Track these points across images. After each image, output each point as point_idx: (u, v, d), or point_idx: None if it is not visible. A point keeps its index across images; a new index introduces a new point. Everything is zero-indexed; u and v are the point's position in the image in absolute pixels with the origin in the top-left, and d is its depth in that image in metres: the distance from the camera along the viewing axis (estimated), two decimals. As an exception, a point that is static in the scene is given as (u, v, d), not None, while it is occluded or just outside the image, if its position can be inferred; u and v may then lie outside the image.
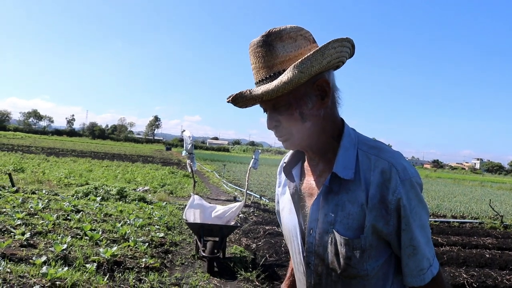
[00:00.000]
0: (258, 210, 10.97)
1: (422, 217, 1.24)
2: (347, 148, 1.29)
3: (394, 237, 1.24)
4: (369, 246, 1.24)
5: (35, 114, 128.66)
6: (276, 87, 1.18)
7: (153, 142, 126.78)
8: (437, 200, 17.77)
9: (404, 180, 1.21)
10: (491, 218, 12.59)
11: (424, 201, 1.26)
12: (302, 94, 1.25)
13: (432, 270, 1.26)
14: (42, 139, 63.49)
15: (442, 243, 8.22)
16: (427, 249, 1.25)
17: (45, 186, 11.65)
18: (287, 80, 1.16)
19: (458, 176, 65.91)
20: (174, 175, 19.65)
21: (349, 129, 1.34)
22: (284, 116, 1.27)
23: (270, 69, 1.25)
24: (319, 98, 1.27)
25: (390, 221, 1.22)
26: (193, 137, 11.44)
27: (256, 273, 5.64)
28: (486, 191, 29.61)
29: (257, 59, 1.27)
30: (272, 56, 1.24)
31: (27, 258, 4.96)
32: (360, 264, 1.25)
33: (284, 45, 1.24)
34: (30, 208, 7.72)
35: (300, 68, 1.16)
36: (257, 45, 1.26)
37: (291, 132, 1.29)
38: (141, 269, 5.25)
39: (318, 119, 1.28)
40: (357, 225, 1.24)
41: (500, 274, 6.23)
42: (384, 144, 1.32)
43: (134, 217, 7.98)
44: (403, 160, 1.26)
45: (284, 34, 1.25)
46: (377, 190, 1.22)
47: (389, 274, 1.31)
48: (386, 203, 1.21)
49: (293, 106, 1.25)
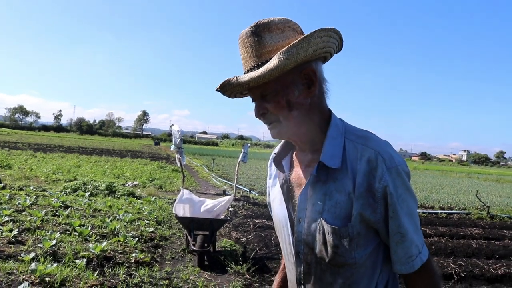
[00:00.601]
0: (247, 203, 10.99)
1: (409, 205, 1.25)
2: (334, 137, 1.30)
3: (382, 225, 1.24)
4: (356, 234, 1.24)
5: (21, 109, 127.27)
6: (262, 73, 1.20)
7: (141, 137, 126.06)
8: (425, 191, 17.94)
9: (391, 168, 1.22)
10: (478, 209, 12.74)
11: (411, 190, 1.27)
12: (289, 82, 1.26)
13: (421, 257, 1.26)
14: (29, 135, 62.81)
15: (430, 234, 8.30)
16: (415, 237, 1.25)
17: (32, 182, 11.55)
18: (273, 66, 1.18)
19: (445, 168, 66.57)
20: (163, 170, 19.58)
21: (336, 119, 1.35)
22: (271, 103, 1.28)
23: (258, 58, 1.26)
24: (305, 87, 1.28)
25: (378, 209, 1.22)
26: (182, 132, 11.37)
27: (246, 266, 5.66)
28: (473, 182, 29.95)
29: (246, 49, 1.29)
30: (260, 45, 1.26)
31: (16, 254, 4.93)
32: (348, 253, 1.26)
33: (272, 36, 1.26)
34: (18, 205, 7.65)
35: (286, 55, 1.17)
36: (246, 35, 1.28)
37: (278, 119, 1.30)
38: (131, 264, 5.24)
39: (305, 108, 1.29)
40: (344, 214, 1.24)
41: (486, 263, 6.32)
42: (371, 133, 1.33)
43: (123, 212, 7.95)
44: (390, 148, 1.27)
45: (272, 25, 1.26)
46: (363, 178, 1.22)
47: (378, 263, 1.31)
48: (373, 191, 1.22)
49: (280, 93, 1.26)
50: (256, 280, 5.37)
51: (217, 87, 1.33)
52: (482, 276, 5.91)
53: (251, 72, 1.24)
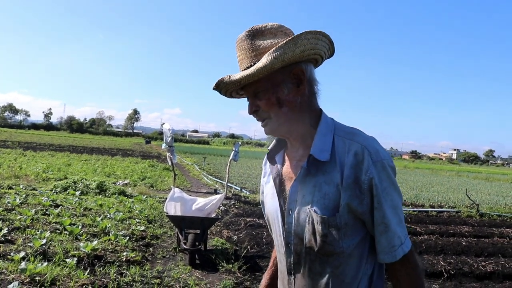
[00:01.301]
0: (239, 202, 11.00)
1: (393, 198, 1.32)
2: (324, 133, 1.38)
3: (368, 215, 1.31)
4: (344, 224, 1.31)
5: (10, 108, 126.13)
6: (252, 71, 1.29)
7: (132, 135, 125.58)
8: (416, 190, 18.06)
9: (376, 161, 1.29)
10: (467, 207, 12.85)
11: (396, 184, 1.35)
12: (279, 81, 1.35)
13: (403, 248, 1.33)
14: (19, 134, 62.33)
15: (420, 232, 8.37)
16: (398, 228, 1.32)
17: (22, 181, 11.45)
18: (262, 65, 1.27)
19: (435, 167, 67.00)
20: (154, 169, 19.53)
21: (326, 117, 1.44)
22: (262, 101, 1.37)
23: (251, 59, 1.36)
24: (295, 86, 1.36)
25: (364, 200, 1.30)
26: (173, 130, 11.35)
27: (237, 265, 5.67)
28: (462, 180, 30.21)
29: (241, 51, 1.39)
30: (254, 48, 1.36)
31: (5, 254, 4.89)
32: (336, 242, 1.32)
33: (265, 39, 1.37)
34: (7, 204, 7.59)
35: (274, 54, 1.27)
36: (242, 39, 1.38)
37: (270, 116, 1.38)
38: (122, 263, 5.22)
39: (295, 106, 1.37)
40: (333, 205, 1.31)
41: (476, 260, 6.39)
42: (360, 130, 1.42)
43: (114, 211, 7.91)
44: (376, 144, 1.35)
45: (265, 30, 1.38)
46: (351, 171, 1.29)
47: (364, 254, 1.38)
48: (360, 183, 1.29)
49: (270, 91, 1.35)
50: (247, 278, 5.38)
51: (213, 86, 1.41)
52: (471, 274, 5.96)
53: (241, 72, 1.34)
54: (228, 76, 1.36)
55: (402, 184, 20.64)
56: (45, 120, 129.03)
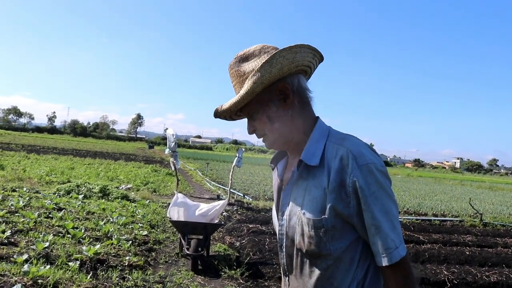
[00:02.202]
0: (241, 208, 10.98)
1: (384, 203, 1.32)
2: (317, 139, 1.44)
3: (356, 219, 1.33)
4: (331, 227, 1.34)
5: (15, 110, 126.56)
6: (237, 99, 1.39)
7: (135, 140, 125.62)
8: (419, 198, 17.99)
9: (361, 165, 1.31)
10: (471, 216, 12.80)
11: (387, 189, 1.35)
12: (266, 100, 1.43)
13: (399, 251, 1.32)
14: (22, 136, 62.49)
15: (423, 241, 8.34)
16: (390, 233, 1.31)
17: (26, 184, 11.47)
18: (244, 92, 1.38)
19: (438, 175, 66.82)
20: (157, 173, 19.54)
21: (322, 124, 1.49)
22: (256, 121, 1.47)
23: (240, 85, 1.45)
24: (282, 101, 1.43)
25: (350, 203, 1.32)
26: (176, 135, 11.37)
27: (240, 271, 5.65)
28: (466, 189, 30.07)
29: (232, 78, 1.49)
30: (240, 74, 1.45)
31: (8, 256, 4.89)
32: (323, 243, 1.36)
33: (250, 62, 1.45)
34: (11, 206, 7.60)
35: (253, 79, 1.36)
36: (230, 67, 1.49)
37: (265, 133, 1.47)
38: (124, 267, 5.22)
39: (287, 119, 1.44)
40: (320, 207, 1.35)
41: (479, 270, 6.35)
42: (353, 136, 1.46)
43: (117, 215, 7.92)
44: (364, 148, 1.37)
45: (249, 54, 1.47)
46: (337, 175, 1.33)
47: (355, 259, 1.39)
48: (345, 186, 1.32)
49: (260, 111, 1.44)
50: (249, 285, 5.37)
51: (213, 115, 1.52)
52: (475, 284, 5.94)
53: (231, 99, 1.43)
54: (220, 106, 1.46)
55: (406, 193, 20.58)
56: (49, 124, 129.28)
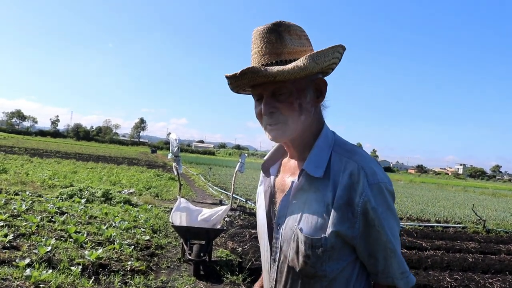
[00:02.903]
0: (244, 213, 10.96)
1: (390, 224, 1.25)
2: (322, 148, 1.32)
3: (359, 240, 1.24)
4: (330, 247, 1.23)
5: (18, 114, 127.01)
6: (291, 69, 1.21)
7: (138, 144, 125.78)
8: (421, 204, 17.95)
9: (373, 184, 1.22)
10: (474, 222, 12.74)
11: (394, 210, 1.27)
12: (303, 86, 1.30)
13: (412, 277, 1.29)
14: (26, 140, 62.66)
15: (426, 247, 8.30)
16: (401, 256, 1.27)
17: (28, 187, 11.50)
18: (302, 66, 1.21)
19: (441, 181, 66.61)
20: (159, 178, 19.54)
21: (327, 130, 1.39)
22: (284, 103, 1.29)
23: (278, 56, 1.28)
24: (315, 95, 1.33)
25: (356, 224, 1.22)
26: (179, 140, 11.38)
27: (242, 277, 5.64)
28: (469, 196, 29.98)
29: (265, 44, 1.29)
30: (281, 44, 1.28)
31: (10, 260, 4.89)
32: (318, 264, 1.25)
33: (292, 39, 1.30)
34: (13, 210, 7.61)
35: (316, 59, 1.23)
36: (267, 31, 1.29)
37: (286, 121, 1.29)
38: (126, 272, 5.21)
39: (311, 115, 1.33)
40: (320, 225, 1.24)
41: (482, 277, 6.32)
42: (360, 148, 1.35)
43: (119, 219, 7.91)
44: (374, 164, 1.28)
45: (292, 29, 1.31)
46: (344, 192, 1.22)
47: (351, 279, 1.30)
48: (353, 205, 1.21)
49: (294, 95, 1.28)
50: (251, 290, 5.34)
51: (234, 73, 1.29)
52: (478, 291, 5.89)
53: (279, 66, 1.24)
54: (262, 67, 1.24)
55: (408, 199, 20.53)
56: (52, 127, 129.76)
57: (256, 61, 1.31)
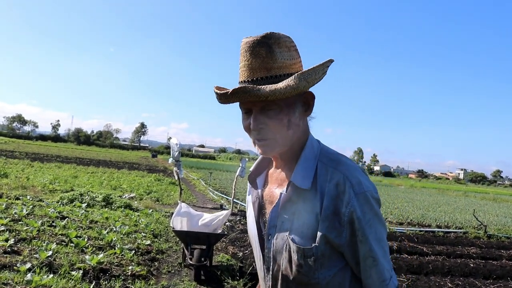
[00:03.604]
0: (244, 218, 10.95)
1: (377, 230, 1.27)
2: (308, 159, 1.34)
3: (346, 248, 1.27)
4: (321, 255, 1.27)
5: (19, 118, 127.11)
6: (283, 89, 1.20)
7: (139, 149, 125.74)
8: (422, 209, 17.93)
9: (358, 193, 1.24)
10: (475, 228, 12.73)
11: (380, 216, 1.29)
12: (292, 102, 1.30)
13: (393, 281, 1.30)
14: (26, 144, 62.66)
15: (427, 253, 8.29)
16: (385, 262, 1.28)
17: (29, 192, 11.50)
18: (294, 85, 1.21)
19: (442, 186, 66.53)
20: (160, 183, 19.54)
21: (313, 140, 1.40)
22: (273, 119, 1.29)
23: (268, 71, 1.27)
24: (303, 110, 1.35)
25: (343, 233, 1.25)
26: (180, 145, 11.37)
27: (243, 282, 5.64)
28: (469, 201, 29.94)
29: (255, 58, 1.27)
30: (271, 58, 1.27)
31: (11, 264, 4.89)
32: (311, 272, 1.28)
33: (281, 51, 1.28)
34: (14, 214, 7.61)
35: (307, 77, 1.24)
36: (256, 43, 1.27)
37: (275, 137, 1.30)
38: (127, 277, 5.21)
39: (298, 129, 1.34)
40: (311, 234, 1.27)
41: (484, 283, 6.31)
42: (345, 157, 1.37)
43: (120, 224, 7.91)
44: (360, 174, 1.30)
45: (281, 41, 1.29)
46: (331, 202, 1.25)
47: (345, 283, 1.32)
48: (340, 215, 1.24)
49: (284, 112, 1.28)
50: (252, 295, 5.34)
51: (225, 91, 1.28)
52: (479, 296, 5.88)
53: (270, 85, 1.23)
54: (253, 87, 1.22)
55: (409, 204, 20.51)
56: (52, 132, 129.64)
57: (245, 75, 1.30)
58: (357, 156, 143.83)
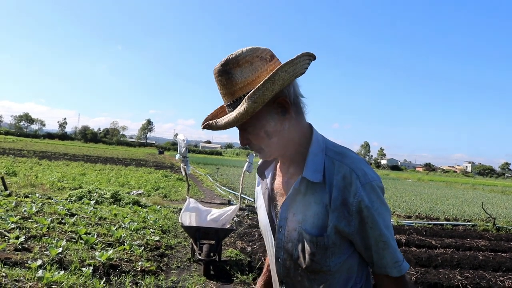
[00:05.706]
0: (252, 213, 10.97)
1: (385, 217, 1.34)
2: (316, 154, 1.39)
3: (356, 236, 1.34)
4: (332, 244, 1.34)
5: (26, 117, 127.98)
6: (235, 118, 1.26)
7: (145, 145, 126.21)
8: (430, 203, 17.87)
9: (365, 184, 1.31)
10: (483, 220, 12.68)
11: (386, 203, 1.37)
12: (264, 114, 1.33)
13: (405, 263, 1.38)
14: (34, 143, 63.06)
15: (436, 245, 8.26)
16: (396, 246, 1.37)
17: (38, 190, 11.58)
18: (243, 111, 1.24)
19: (450, 179, 66.28)
20: (167, 179, 19.61)
21: (317, 136, 1.44)
22: (252, 135, 1.38)
23: (232, 96, 1.32)
24: (280, 115, 1.35)
25: (352, 221, 1.32)
26: (187, 141, 11.40)
27: (252, 276, 5.65)
28: (478, 193, 29.80)
29: (220, 86, 1.35)
30: (232, 83, 1.31)
31: (22, 262, 4.94)
32: (323, 260, 1.36)
33: (242, 70, 1.30)
34: (24, 212, 7.67)
35: (253, 98, 1.23)
36: (217, 74, 1.33)
37: (261, 148, 1.40)
38: (137, 273, 5.24)
39: (283, 132, 1.37)
40: (321, 224, 1.35)
41: (494, 275, 6.28)
42: (349, 150, 1.43)
43: (128, 220, 7.96)
44: (364, 165, 1.37)
45: (240, 59, 1.30)
46: (339, 193, 1.32)
47: (353, 268, 1.42)
48: (348, 205, 1.31)
49: (257, 126, 1.35)
50: (262, 290, 5.35)
51: (201, 126, 1.43)
52: (489, 289, 5.86)
53: (225, 117, 1.31)
54: (214, 122, 1.34)
55: (417, 197, 20.46)
56: (60, 130, 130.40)
57: (223, 100, 1.38)
58: (364, 150, 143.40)
